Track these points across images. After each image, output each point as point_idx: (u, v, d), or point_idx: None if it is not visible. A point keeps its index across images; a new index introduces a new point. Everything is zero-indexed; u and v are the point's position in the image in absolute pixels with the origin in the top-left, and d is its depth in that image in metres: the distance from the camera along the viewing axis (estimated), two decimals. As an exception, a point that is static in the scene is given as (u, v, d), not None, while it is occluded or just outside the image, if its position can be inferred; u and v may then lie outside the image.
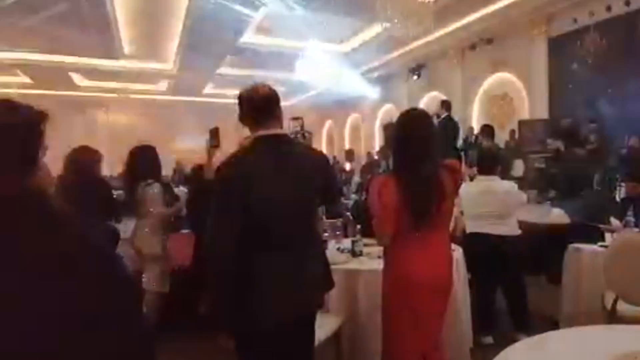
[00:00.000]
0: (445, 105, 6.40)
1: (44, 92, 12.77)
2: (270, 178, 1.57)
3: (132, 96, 14.78)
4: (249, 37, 9.56)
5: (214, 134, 2.67)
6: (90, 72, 12.46)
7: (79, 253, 0.83)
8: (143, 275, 2.95)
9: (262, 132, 1.64)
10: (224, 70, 11.98)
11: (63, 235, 0.83)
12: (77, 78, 13.31)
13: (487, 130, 6.38)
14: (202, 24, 8.18)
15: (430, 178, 1.82)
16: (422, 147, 1.84)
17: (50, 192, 1.03)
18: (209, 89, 14.49)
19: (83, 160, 3.05)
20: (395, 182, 1.82)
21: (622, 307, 2.50)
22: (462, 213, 3.39)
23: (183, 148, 11.75)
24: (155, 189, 2.98)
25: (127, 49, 10.26)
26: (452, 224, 2.64)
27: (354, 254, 2.78)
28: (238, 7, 7.49)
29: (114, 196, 3.44)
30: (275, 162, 1.59)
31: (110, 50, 10.03)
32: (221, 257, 1.52)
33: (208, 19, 7.87)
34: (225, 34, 8.81)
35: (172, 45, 10.08)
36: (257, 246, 1.56)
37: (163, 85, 14.17)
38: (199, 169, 3.30)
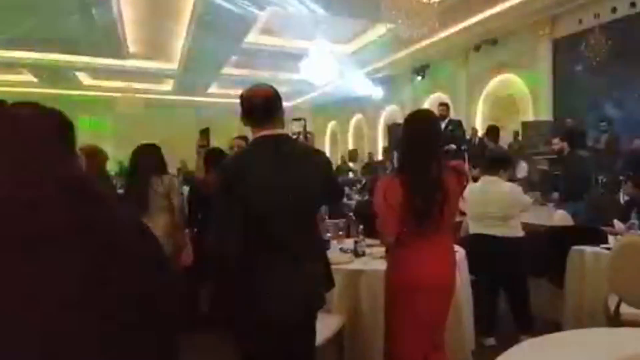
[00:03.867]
0: (447, 107, 6.42)
1: (49, 91, 12.87)
2: (269, 179, 1.58)
3: (137, 95, 14.84)
4: (253, 38, 9.59)
5: (204, 134, 2.71)
6: (96, 72, 12.54)
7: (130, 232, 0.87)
8: None
9: (262, 133, 1.65)
10: (228, 70, 12.02)
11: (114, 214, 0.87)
12: (83, 77, 13.40)
13: (493, 131, 6.36)
14: (207, 24, 8.22)
15: (435, 179, 1.83)
16: (427, 148, 1.85)
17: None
18: (213, 88, 14.54)
19: (89, 160, 3.07)
20: (400, 182, 1.83)
21: (625, 310, 2.49)
22: (461, 212, 3.40)
23: (187, 147, 11.79)
24: (176, 181, 2.95)
25: (132, 48, 10.32)
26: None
27: (357, 254, 2.78)
28: (243, 8, 7.51)
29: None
30: (274, 163, 1.60)
31: (116, 49, 10.09)
32: (225, 259, 1.53)
33: (213, 19, 7.91)
34: (230, 34, 8.85)
35: (177, 45, 10.13)
36: (258, 246, 1.56)
37: (168, 84, 14.23)
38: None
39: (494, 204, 3.15)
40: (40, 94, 12.75)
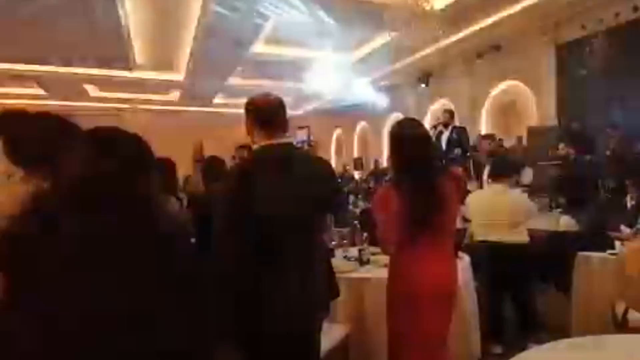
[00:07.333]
0: (452, 114, 6.44)
1: (58, 103, 13.06)
2: (272, 189, 1.58)
3: (145, 106, 15.02)
4: (258, 48, 9.68)
5: (198, 147, 2.74)
6: (104, 83, 12.71)
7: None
8: None
9: (267, 142, 1.67)
10: (234, 80, 12.12)
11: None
12: (91, 89, 13.59)
13: (488, 138, 6.38)
14: (213, 35, 8.33)
15: (430, 186, 1.84)
16: (417, 156, 1.86)
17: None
18: (219, 98, 14.66)
19: None
20: (397, 191, 1.83)
21: (633, 316, 2.47)
22: (465, 219, 3.40)
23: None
24: (174, 204, 2.97)
25: (139, 60, 10.47)
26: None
27: (361, 262, 2.79)
28: (248, 19, 7.61)
29: None
30: (277, 172, 1.62)
31: (123, 61, 10.24)
32: (228, 272, 1.54)
33: (218, 30, 8.01)
34: (236, 44, 8.95)
35: (184, 56, 10.25)
36: (261, 255, 1.57)
37: (175, 95, 14.38)
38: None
39: (500, 211, 3.15)
40: (49, 106, 12.96)
